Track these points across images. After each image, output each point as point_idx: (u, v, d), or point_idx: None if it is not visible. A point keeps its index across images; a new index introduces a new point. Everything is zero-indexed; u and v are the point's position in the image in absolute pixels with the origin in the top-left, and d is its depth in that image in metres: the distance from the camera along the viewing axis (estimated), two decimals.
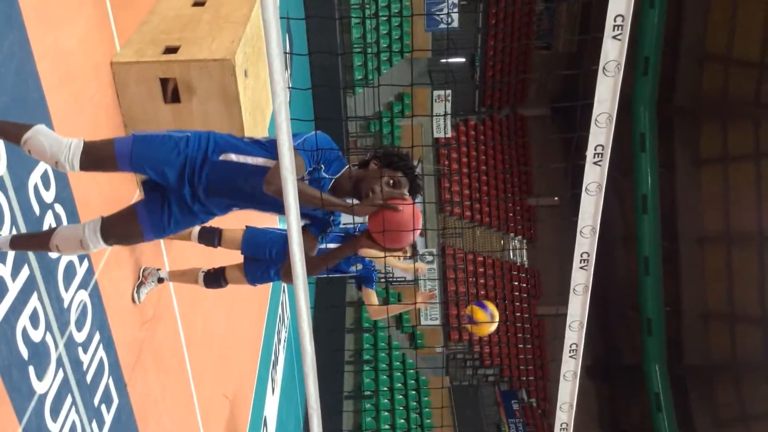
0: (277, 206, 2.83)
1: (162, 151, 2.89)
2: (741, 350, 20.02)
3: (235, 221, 5.02)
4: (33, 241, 3.08)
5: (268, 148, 2.96)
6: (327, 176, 2.90)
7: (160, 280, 4.61)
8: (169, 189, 2.96)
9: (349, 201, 2.89)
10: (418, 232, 2.83)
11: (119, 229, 3.03)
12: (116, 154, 2.85)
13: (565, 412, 2.61)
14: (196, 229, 4.66)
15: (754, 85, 18.55)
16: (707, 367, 20.95)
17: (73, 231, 3.01)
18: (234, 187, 2.92)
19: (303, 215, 2.99)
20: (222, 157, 2.91)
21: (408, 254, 4.55)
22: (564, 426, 2.62)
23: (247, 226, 4.77)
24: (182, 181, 2.91)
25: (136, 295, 4.37)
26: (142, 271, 4.50)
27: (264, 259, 4.62)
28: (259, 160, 2.90)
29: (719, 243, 20.10)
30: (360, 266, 4.68)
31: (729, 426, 20.26)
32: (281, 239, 4.63)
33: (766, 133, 18.66)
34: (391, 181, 2.84)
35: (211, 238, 4.69)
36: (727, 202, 19.68)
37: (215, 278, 4.73)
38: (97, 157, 2.85)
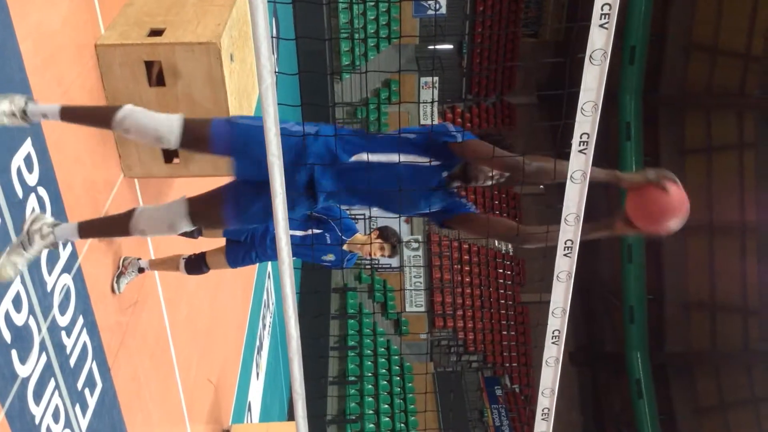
0: (390, 203, 2.95)
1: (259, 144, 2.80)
2: (721, 339, 20.27)
3: None
4: (108, 228, 3.11)
5: (393, 139, 2.90)
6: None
7: (141, 270, 4.57)
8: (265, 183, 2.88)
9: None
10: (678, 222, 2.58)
11: (205, 213, 2.98)
12: (212, 134, 2.80)
13: (547, 398, 2.63)
14: None
15: (740, 75, 18.67)
16: (688, 356, 21.20)
17: (159, 213, 2.99)
18: (359, 186, 2.85)
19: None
20: (355, 158, 2.85)
21: (387, 252, 4.61)
22: (546, 411, 2.65)
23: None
24: (295, 176, 2.78)
25: (115, 285, 4.33)
26: (122, 261, 4.46)
27: (246, 242, 4.62)
28: (392, 157, 2.82)
29: (702, 232, 20.28)
30: (332, 256, 4.68)
31: (708, 413, 20.54)
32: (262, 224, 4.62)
33: (749, 124, 18.81)
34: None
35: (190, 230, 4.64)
36: (711, 192, 19.84)
37: (196, 264, 4.71)
38: (194, 133, 2.81)
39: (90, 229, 2.97)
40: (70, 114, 2.91)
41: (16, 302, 3.13)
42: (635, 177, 2.57)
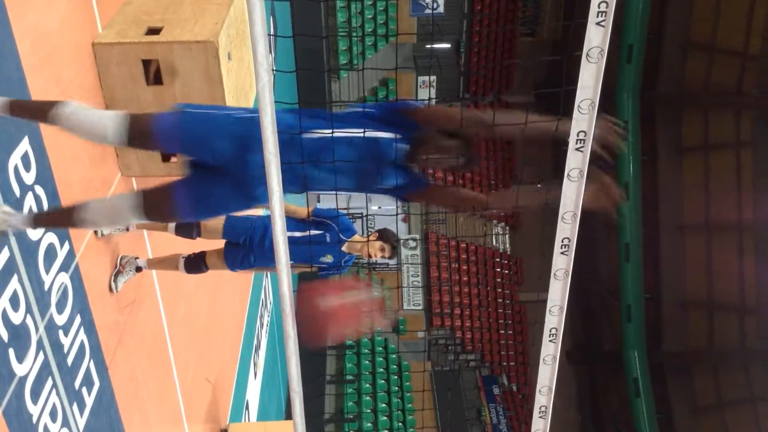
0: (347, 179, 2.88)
1: (215, 135, 2.75)
2: (719, 338, 20.29)
3: None
4: (58, 220, 3.02)
5: (347, 116, 2.88)
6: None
7: (139, 269, 4.56)
8: (222, 169, 2.79)
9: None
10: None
11: (159, 207, 2.90)
12: (155, 128, 2.73)
13: (544, 395, 2.64)
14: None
15: (737, 74, 18.67)
16: (685, 355, 21.22)
17: (108, 205, 2.93)
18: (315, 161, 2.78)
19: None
20: (307, 136, 2.78)
21: (387, 253, 4.59)
22: (543, 409, 2.66)
23: (227, 215, 4.73)
24: (245, 162, 2.72)
25: (113, 284, 4.33)
26: (119, 259, 4.45)
27: (244, 245, 4.61)
28: (350, 131, 2.79)
29: (699, 231, 20.29)
30: (331, 258, 4.68)
31: (705, 412, 20.56)
32: (262, 225, 4.61)
33: (747, 122, 18.82)
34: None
35: (189, 230, 4.60)
36: (708, 190, 19.85)
37: (196, 263, 4.70)
38: (139, 130, 2.73)
39: (42, 219, 2.95)
40: (19, 108, 2.85)
41: (14, 301, 3.13)
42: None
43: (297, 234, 4.60)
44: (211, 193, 2.84)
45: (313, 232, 4.62)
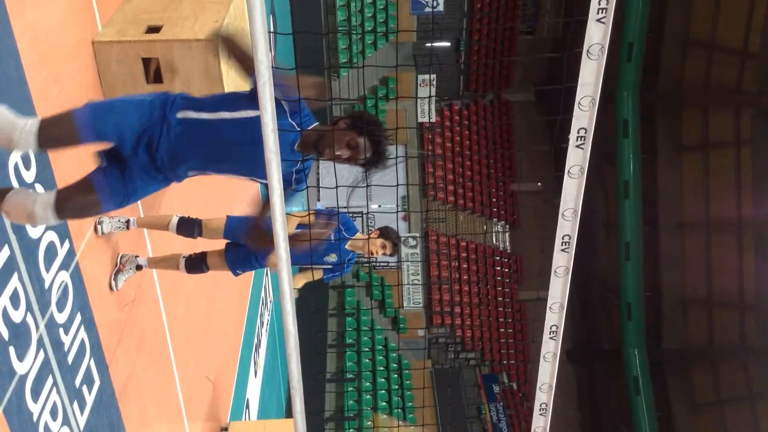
0: (237, 165, 2.82)
1: (123, 114, 2.79)
2: (718, 336, 20.28)
3: (214, 210, 5.01)
4: None
5: (228, 97, 2.88)
6: (297, 129, 2.86)
7: (139, 268, 4.55)
8: (125, 155, 2.84)
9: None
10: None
11: (76, 202, 2.87)
12: (78, 126, 2.71)
13: (544, 393, 2.64)
14: (174, 220, 4.59)
15: (737, 72, 18.66)
16: (685, 352, 21.22)
17: (24, 200, 2.85)
18: (193, 145, 2.80)
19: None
20: (180, 115, 2.82)
21: (388, 251, 4.56)
22: (543, 406, 2.66)
23: (228, 216, 4.73)
24: (139, 144, 2.79)
25: (113, 282, 4.33)
26: (120, 258, 4.45)
27: (246, 246, 4.59)
28: (220, 114, 2.80)
29: (699, 229, 20.29)
30: (335, 256, 4.68)
31: (705, 410, 20.56)
32: (265, 227, 4.59)
33: (747, 120, 18.80)
34: (352, 143, 2.82)
35: (191, 229, 4.61)
36: (708, 188, 19.84)
37: (197, 264, 4.69)
38: (57, 133, 2.70)
39: None
40: None
41: (14, 299, 3.13)
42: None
43: (298, 232, 4.58)
44: (130, 179, 2.87)
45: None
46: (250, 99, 2.76)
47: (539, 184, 23.10)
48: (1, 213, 2.90)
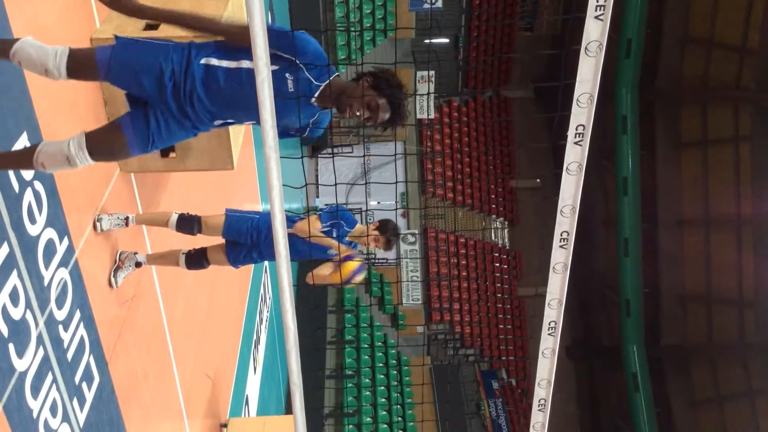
0: (256, 115, 2.86)
1: (142, 56, 2.85)
2: (717, 332, 20.33)
3: (213, 206, 5.01)
4: (16, 160, 3.04)
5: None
6: (315, 83, 2.88)
7: (138, 264, 4.55)
8: (152, 101, 2.91)
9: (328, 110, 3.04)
10: None
11: (105, 143, 2.97)
12: (97, 60, 2.82)
13: (543, 389, 2.64)
14: (174, 217, 4.59)
15: (735, 69, 18.67)
16: (684, 349, 21.26)
17: (58, 147, 2.95)
18: (217, 92, 2.86)
19: (283, 131, 3.06)
20: (203, 61, 2.87)
21: (381, 245, 4.56)
22: (542, 402, 2.66)
23: (227, 211, 4.72)
24: (164, 89, 2.85)
25: (113, 279, 4.33)
26: (119, 255, 4.45)
27: (245, 245, 4.60)
28: (242, 63, 2.84)
29: (697, 226, 20.32)
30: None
31: (704, 406, 20.61)
32: (266, 223, 4.59)
33: (745, 117, 18.83)
34: (372, 103, 2.83)
35: (190, 226, 4.61)
36: (706, 185, 19.87)
37: (197, 259, 4.69)
38: (80, 62, 2.82)
39: (1, 160, 3.00)
40: None
41: (13, 296, 3.13)
42: None
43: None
44: (155, 122, 2.93)
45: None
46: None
47: (538, 180, 23.11)
48: (36, 168, 2.97)
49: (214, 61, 2.87)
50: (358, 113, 2.85)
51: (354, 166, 19.86)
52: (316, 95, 2.92)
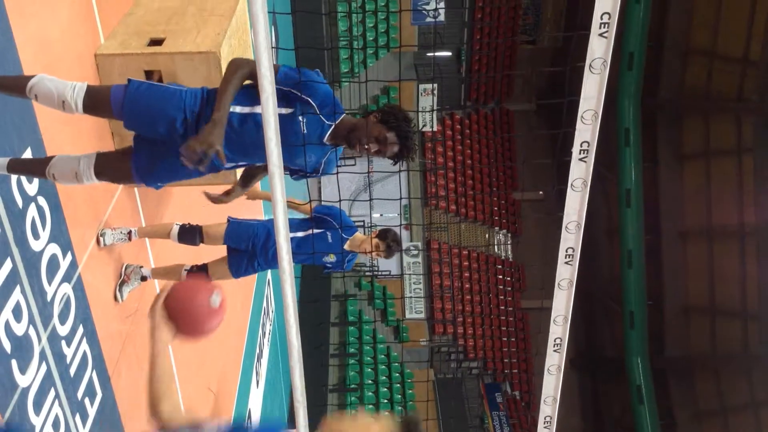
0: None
1: (154, 103, 2.89)
2: (721, 343, 20.23)
3: (214, 216, 5.01)
4: (30, 167, 3.12)
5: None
6: (327, 122, 2.94)
7: (144, 278, 4.56)
8: (162, 140, 2.95)
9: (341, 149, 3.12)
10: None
11: (112, 168, 3.08)
12: (111, 100, 2.87)
13: (549, 406, 2.63)
14: (175, 229, 4.60)
15: (737, 80, 18.68)
16: (688, 360, 21.16)
17: (69, 162, 3.06)
18: (229, 138, 2.88)
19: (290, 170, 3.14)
20: None
21: (382, 253, 4.57)
22: (548, 419, 2.65)
23: (229, 218, 4.74)
24: (175, 132, 2.88)
25: (118, 293, 4.33)
26: (124, 269, 4.45)
27: (247, 251, 4.60)
28: (255, 109, 2.87)
29: (701, 237, 20.27)
30: (334, 257, 4.68)
31: (708, 418, 20.48)
32: (265, 230, 4.61)
33: (748, 128, 18.82)
34: (381, 137, 2.91)
35: (192, 236, 4.62)
36: (709, 197, 19.84)
37: (198, 275, 4.69)
38: (96, 100, 2.88)
39: (17, 166, 3.07)
40: (7, 87, 2.98)
41: (16, 312, 3.12)
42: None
43: (300, 234, 4.60)
44: (161, 160, 3.00)
45: (315, 231, 4.61)
46: (280, 96, 2.79)
47: (541, 193, 23.10)
48: (47, 178, 3.09)
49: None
50: (368, 147, 2.93)
51: (357, 178, 19.87)
52: (328, 134, 2.99)
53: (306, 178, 3.23)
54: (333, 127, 2.97)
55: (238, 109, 2.88)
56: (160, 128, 2.88)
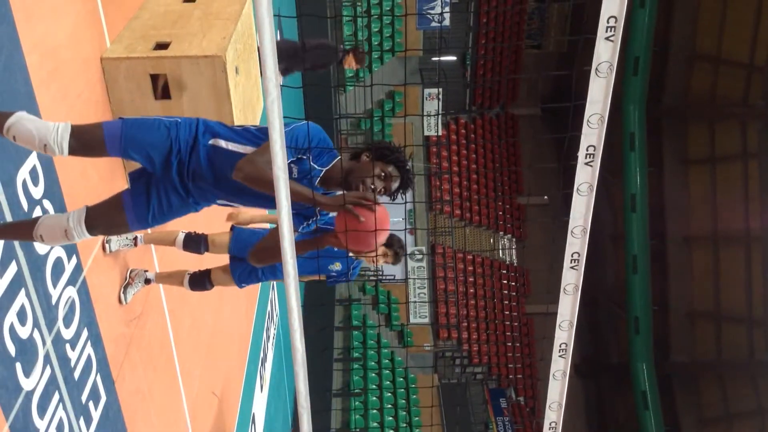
0: (262, 199, 2.83)
1: (152, 134, 2.84)
2: (727, 350, 20.16)
3: (221, 225, 5.01)
4: (16, 230, 3.02)
5: (259, 136, 2.91)
6: (317, 167, 2.87)
7: (147, 281, 4.57)
8: (156, 176, 2.91)
9: (338, 193, 2.87)
10: (383, 236, 2.71)
11: (104, 218, 2.97)
12: (105, 137, 2.80)
13: (554, 411, 2.62)
14: (180, 236, 4.61)
15: (742, 85, 18.65)
16: (693, 366, 21.08)
17: (57, 220, 2.95)
18: (220, 174, 2.85)
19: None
20: (211, 142, 2.87)
21: (390, 259, 4.54)
22: (553, 425, 2.63)
23: (233, 227, 4.74)
24: (170, 165, 2.85)
25: (123, 296, 4.34)
26: (129, 272, 4.47)
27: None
28: (248, 149, 2.84)
29: (706, 243, 20.21)
30: (339, 265, 4.67)
31: (713, 424, 20.40)
32: None
33: (753, 134, 18.78)
34: (383, 174, 2.84)
35: (197, 245, 4.63)
36: (715, 202, 19.79)
37: (200, 281, 4.70)
38: (86, 140, 2.79)
39: (1, 229, 2.97)
40: None
41: (21, 315, 3.13)
42: (330, 201, 2.67)
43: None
44: (157, 199, 2.94)
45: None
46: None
47: (546, 197, 23.06)
48: (35, 240, 2.96)
49: (222, 143, 2.87)
50: (373, 186, 2.83)
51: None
52: (318, 178, 2.91)
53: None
54: (323, 171, 2.89)
55: (231, 146, 2.85)
56: (156, 158, 2.84)
